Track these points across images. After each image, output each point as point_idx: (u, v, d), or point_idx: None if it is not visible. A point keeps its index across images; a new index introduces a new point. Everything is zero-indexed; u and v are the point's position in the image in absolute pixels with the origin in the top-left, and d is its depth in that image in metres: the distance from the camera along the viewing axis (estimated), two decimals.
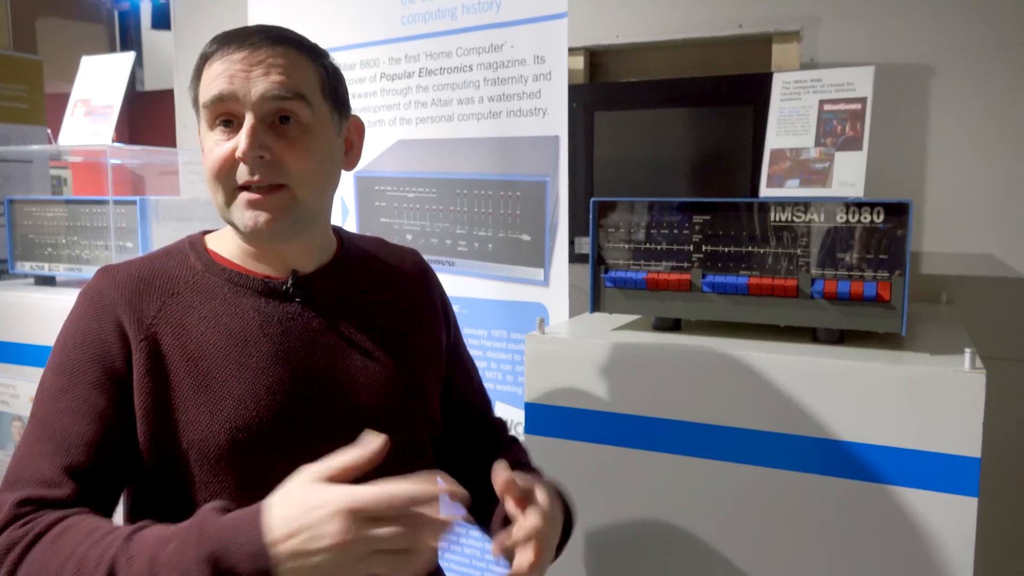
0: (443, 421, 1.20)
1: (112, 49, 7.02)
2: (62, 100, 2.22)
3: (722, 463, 1.26)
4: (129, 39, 7.15)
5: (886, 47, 1.85)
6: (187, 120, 2.95)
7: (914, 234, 1.89)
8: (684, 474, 1.29)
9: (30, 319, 1.93)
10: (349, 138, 1.08)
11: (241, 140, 0.93)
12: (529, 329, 1.43)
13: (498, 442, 1.26)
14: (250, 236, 0.98)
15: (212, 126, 0.97)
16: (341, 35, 1.96)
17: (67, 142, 2.01)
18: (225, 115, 0.96)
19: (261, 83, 0.94)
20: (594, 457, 1.36)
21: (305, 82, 0.98)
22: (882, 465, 1.17)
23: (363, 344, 1.06)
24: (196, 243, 1.06)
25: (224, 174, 0.95)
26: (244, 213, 0.96)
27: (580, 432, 1.37)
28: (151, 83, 7.08)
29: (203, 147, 1.00)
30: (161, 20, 6.31)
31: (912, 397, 1.15)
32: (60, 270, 2.06)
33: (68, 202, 2.02)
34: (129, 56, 1.96)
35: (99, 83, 2.00)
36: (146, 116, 6.36)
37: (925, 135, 1.86)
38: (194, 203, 2.21)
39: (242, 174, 0.95)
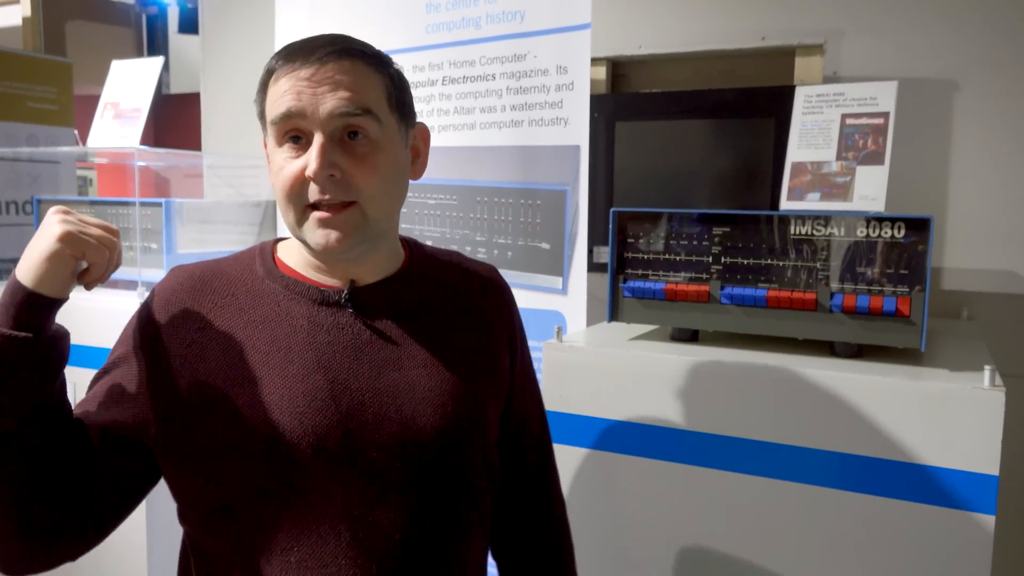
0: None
1: (139, 52, 7.11)
2: (91, 102, 2.25)
3: (736, 475, 1.27)
4: (156, 43, 7.24)
5: (910, 61, 1.85)
6: (212, 124, 2.98)
7: (936, 249, 1.88)
8: (698, 485, 1.29)
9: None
10: (415, 146, 1.05)
11: (312, 160, 0.91)
12: (547, 337, 1.44)
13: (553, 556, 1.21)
14: (321, 254, 0.97)
15: (280, 143, 0.95)
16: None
17: (96, 144, 2.04)
18: (293, 132, 0.94)
19: (329, 100, 0.92)
20: (609, 466, 1.36)
21: (372, 96, 0.95)
22: (899, 481, 1.16)
23: (415, 359, 1.02)
24: (265, 249, 1.05)
25: (295, 193, 0.94)
26: (316, 232, 0.94)
27: (596, 441, 1.37)
28: (177, 86, 7.16)
29: (271, 163, 0.98)
30: (187, 24, 6.39)
31: (930, 413, 1.14)
32: None
33: (95, 203, 2.05)
34: (158, 61, 1.99)
35: (128, 87, 2.03)
36: (171, 119, 6.44)
37: (948, 150, 1.85)
38: (217, 206, 2.24)
39: (312, 193, 0.93)
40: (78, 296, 2.14)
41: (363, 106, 0.94)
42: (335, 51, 0.94)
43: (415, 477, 1.00)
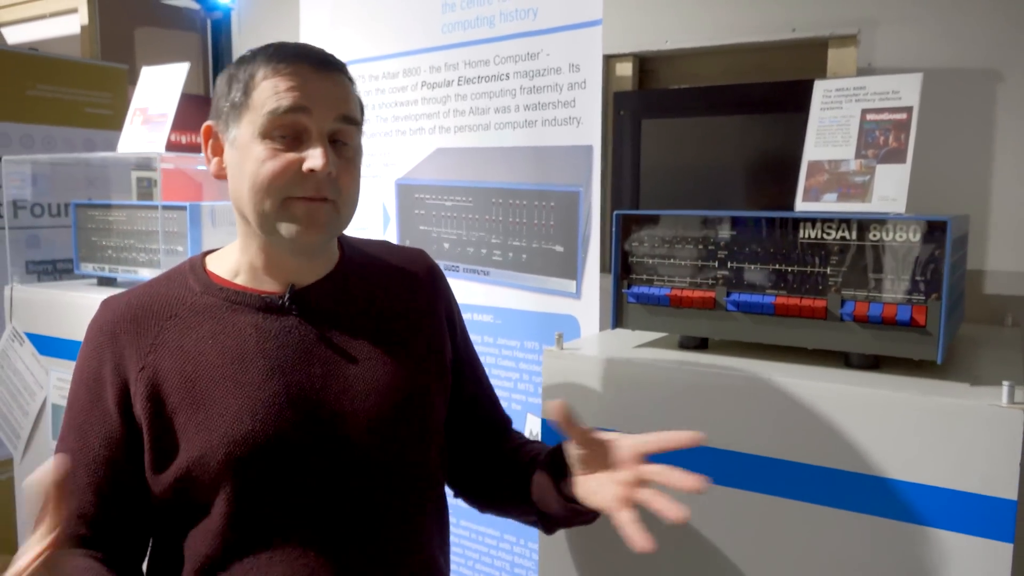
0: (455, 426, 1.20)
1: (205, 57, 7.31)
2: None
3: (738, 491, 1.20)
4: (220, 47, 7.44)
5: (949, 50, 1.73)
6: None
7: (977, 251, 1.77)
8: (701, 501, 1.23)
9: (90, 318, 2.02)
10: None
11: (318, 157, 0.95)
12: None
13: (518, 442, 1.26)
14: (290, 244, 1.00)
15: (267, 135, 0.97)
16: (385, 44, 1.97)
17: (125, 149, 2.09)
18: (288, 127, 0.97)
19: (334, 106, 0.98)
20: None
21: (357, 109, 1.04)
22: (910, 503, 1.09)
23: (361, 353, 1.06)
24: (196, 265, 1.09)
25: (280, 184, 0.97)
26: (296, 225, 0.98)
27: None
28: None
29: (241, 151, 0.99)
30: None
31: (944, 431, 1.06)
32: (119, 271, 2.15)
33: (125, 207, 2.10)
34: (183, 66, 2.03)
35: (156, 92, 2.07)
36: None
37: (991, 144, 1.73)
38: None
39: (302, 188, 0.97)
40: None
41: (356, 117, 1.03)
42: (335, 63, 1.02)
43: (373, 470, 1.04)
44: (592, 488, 1.03)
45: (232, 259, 1.07)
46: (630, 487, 0.98)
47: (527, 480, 1.14)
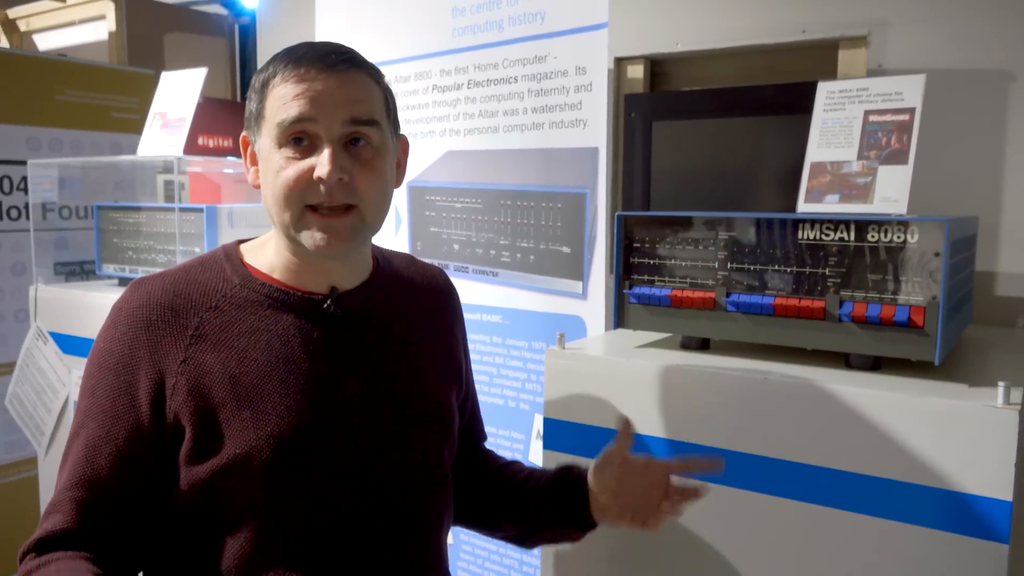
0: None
1: (232, 61, 7.42)
2: None
3: (738, 491, 1.21)
4: (247, 51, 7.54)
5: (960, 51, 1.72)
6: None
7: (989, 253, 1.75)
8: (701, 500, 1.24)
9: None
10: (399, 157, 1.09)
11: (324, 164, 0.94)
12: (568, 342, 1.42)
13: (502, 461, 1.30)
14: (315, 254, 0.99)
15: (282, 144, 0.96)
16: (398, 48, 2.00)
17: (144, 153, 2.14)
18: (299, 134, 0.95)
19: (343, 108, 0.95)
20: None
21: (376, 106, 0.99)
22: (907, 503, 1.08)
23: (395, 361, 1.07)
24: (232, 255, 1.06)
25: (296, 193, 0.95)
26: (314, 234, 0.96)
27: (596, 450, 1.34)
28: None
29: (266, 162, 0.98)
30: None
31: (940, 432, 1.06)
32: (139, 272, 2.20)
33: (145, 209, 2.15)
34: (201, 71, 2.07)
35: (175, 97, 2.12)
36: None
37: (1003, 145, 1.71)
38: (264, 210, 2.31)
39: (317, 195, 0.95)
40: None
41: (371, 116, 0.98)
42: (344, 60, 0.98)
43: (404, 476, 1.06)
44: (620, 509, 1.14)
45: (269, 255, 1.05)
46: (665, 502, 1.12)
47: (519, 499, 1.20)
